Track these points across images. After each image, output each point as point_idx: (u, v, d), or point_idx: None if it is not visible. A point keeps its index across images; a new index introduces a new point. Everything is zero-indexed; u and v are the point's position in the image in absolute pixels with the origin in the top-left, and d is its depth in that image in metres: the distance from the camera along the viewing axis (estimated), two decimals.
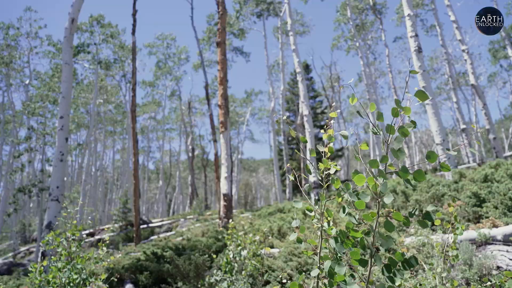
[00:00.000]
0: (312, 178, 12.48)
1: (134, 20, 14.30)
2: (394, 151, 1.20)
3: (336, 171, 1.55)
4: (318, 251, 1.54)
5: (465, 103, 34.44)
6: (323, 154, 1.53)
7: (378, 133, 1.29)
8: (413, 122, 1.21)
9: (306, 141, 1.65)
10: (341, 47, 27.87)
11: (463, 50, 16.30)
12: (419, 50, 10.02)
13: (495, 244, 4.31)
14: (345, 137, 1.41)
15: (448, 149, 1.26)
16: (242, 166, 50.35)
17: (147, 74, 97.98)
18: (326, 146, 1.54)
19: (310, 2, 22.51)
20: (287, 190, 22.29)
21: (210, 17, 26.23)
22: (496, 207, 5.23)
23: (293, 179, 1.72)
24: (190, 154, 31.44)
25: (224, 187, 9.83)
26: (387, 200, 1.21)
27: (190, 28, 19.86)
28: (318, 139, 29.87)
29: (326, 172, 1.46)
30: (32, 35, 24.45)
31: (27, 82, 25.47)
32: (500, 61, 29.67)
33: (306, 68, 30.86)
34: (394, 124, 1.25)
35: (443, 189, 6.52)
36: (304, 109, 14.03)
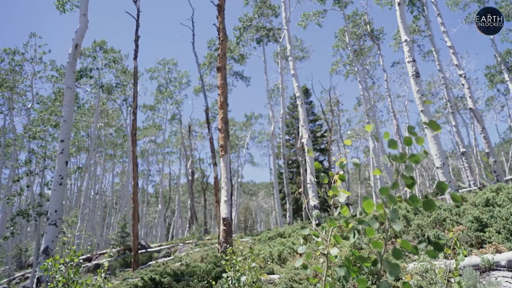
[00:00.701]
0: (312, 202, 12.39)
1: (137, 46, 14.58)
2: (408, 181, 1.20)
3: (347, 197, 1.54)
4: (324, 278, 1.52)
5: (464, 127, 34.64)
6: (332, 182, 1.52)
7: (391, 162, 1.29)
8: (425, 152, 1.22)
9: (320, 167, 1.65)
10: (340, 72, 28.28)
11: (460, 75, 16.54)
12: (416, 75, 10.17)
13: (499, 270, 4.24)
14: (357, 165, 1.40)
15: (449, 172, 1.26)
16: (242, 189, 50.03)
17: (148, 98, 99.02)
18: (337, 173, 1.53)
19: (309, 28, 23.04)
20: (288, 214, 22.07)
21: (211, 42, 26.75)
22: (498, 232, 5.17)
23: (294, 203, 1.71)
24: (190, 178, 31.32)
25: (223, 211, 9.74)
26: (397, 227, 1.20)
27: (191, 53, 20.29)
28: (318, 162, 29.84)
29: (335, 199, 1.45)
30: (37, 60, 24.88)
31: (29, 105, 25.70)
32: (497, 85, 30.03)
33: (306, 92, 31.21)
34: (405, 152, 1.25)
35: (445, 213, 6.47)
36: (304, 133, 14.09)
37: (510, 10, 22.04)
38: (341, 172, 1.55)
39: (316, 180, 2.28)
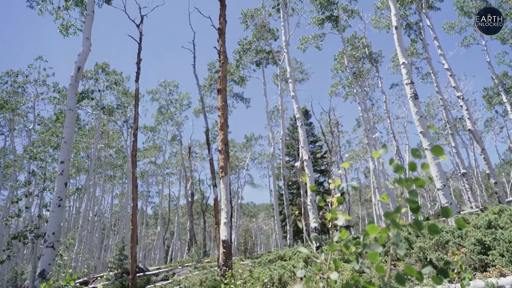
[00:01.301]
0: (313, 224, 12.26)
1: (138, 68, 14.77)
2: (412, 205, 1.19)
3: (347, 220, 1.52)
4: None
5: (463, 148, 34.69)
6: (329, 204, 1.51)
7: (395, 186, 1.28)
8: (430, 178, 1.21)
9: (315, 189, 1.65)
10: (339, 94, 28.56)
11: (458, 97, 16.69)
12: (415, 97, 10.27)
13: None
14: (355, 188, 1.40)
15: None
16: (242, 211, 49.61)
17: (148, 119, 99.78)
18: (333, 196, 1.52)
19: (308, 51, 23.45)
20: (288, 236, 21.80)
21: (211, 65, 27.14)
22: (502, 255, 5.10)
23: (294, 225, 1.69)
24: (190, 199, 31.10)
25: (223, 233, 9.63)
26: (401, 251, 1.19)
27: (192, 75, 20.60)
28: (318, 184, 29.70)
29: (335, 222, 1.44)
30: (40, 82, 25.20)
31: (30, 127, 25.83)
32: (495, 107, 30.28)
33: (306, 113, 31.41)
34: (408, 176, 1.25)
35: (447, 235, 6.40)
36: (304, 154, 14.10)
37: (505, 33, 22.46)
38: (339, 195, 1.54)
39: (317, 202, 2.27)
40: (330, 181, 1.51)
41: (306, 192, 22.11)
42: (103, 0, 14.10)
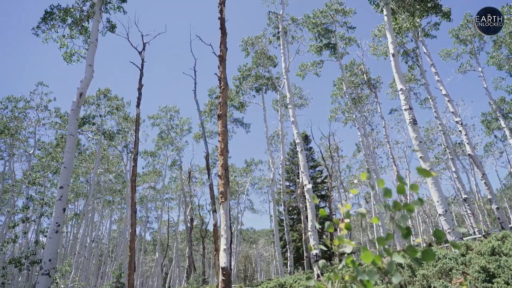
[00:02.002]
0: (314, 251, 12.07)
1: (140, 94, 14.96)
2: (403, 231, 1.19)
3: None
4: None
5: (464, 173, 34.56)
6: (338, 230, 1.50)
7: (385, 211, 1.28)
8: (421, 200, 1.22)
9: (325, 214, 1.64)
10: (339, 119, 28.77)
11: (457, 122, 16.81)
12: (414, 122, 10.34)
13: None
14: (363, 215, 1.39)
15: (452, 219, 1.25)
16: (241, 237, 48.92)
17: (149, 144, 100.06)
18: (342, 221, 1.51)
19: (307, 77, 23.75)
20: (289, 263, 21.38)
21: (212, 90, 27.48)
22: (507, 283, 5.00)
23: (295, 251, 1.67)
24: (189, 225, 30.72)
25: (223, 260, 9.46)
26: (396, 280, 1.18)
27: (193, 101, 20.83)
28: (318, 209, 29.44)
29: (341, 250, 1.42)
30: (41, 107, 25.45)
31: (30, 152, 25.88)
32: (494, 132, 30.40)
33: (305, 138, 31.54)
34: (400, 201, 1.25)
35: (450, 262, 6.29)
36: (304, 179, 14.05)
37: (501, 60, 22.87)
38: (347, 221, 1.52)
39: (318, 227, 2.24)
40: (339, 205, 1.51)
41: (306, 217, 21.87)
42: (107, 28, 14.45)
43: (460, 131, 16.98)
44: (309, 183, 13.98)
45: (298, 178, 26.03)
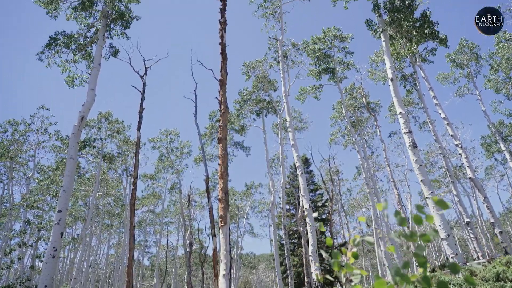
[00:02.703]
0: (315, 276, 11.83)
1: (140, 117, 15.06)
2: (420, 260, 1.17)
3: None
4: None
5: (465, 196, 34.29)
6: (345, 259, 1.47)
7: (400, 240, 1.26)
8: (436, 231, 1.21)
9: (331, 243, 1.60)
10: (339, 142, 28.82)
11: (457, 145, 16.85)
12: (414, 146, 10.36)
13: None
14: (370, 243, 1.37)
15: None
16: (241, 262, 48.03)
17: (148, 167, 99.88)
18: (350, 250, 1.48)
19: (307, 101, 23.98)
20: None
21: (212, 114, 27.67)
22: None
23: (296, 276, 1.64)
24: (188, 249, 30.20)
25: (222, 286, 9.26)
26: None
27: (193, 124, 20.94)
28: (319, 233, 29.04)
29: (350, 278, 1.39)
30: (42, 130, 25.55)
31: (29, 175, 25.79)
32: (494, 155, 30.40)
33: (306, 161, 31.48)
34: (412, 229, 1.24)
35: None
36: (304, 203, 13.95)
37: (498, 83, 23.14)
38: (355, 250, 1.50)
39: (320, 253, 2.20)
40: (347, 234, 1.48)
41: (307, 242, 21.55)
42: (110, 53, 14.72)
43: (460, 154, 16.99)
44: (309, 206, 13.87)
45: (299, 202, 25.84)
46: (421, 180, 10.04)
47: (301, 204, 19.52)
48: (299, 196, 25.64)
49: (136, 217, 36.12)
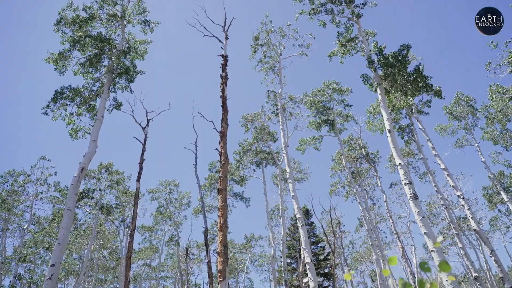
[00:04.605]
0: None
1: (141, 168, 15.10)
2: None
3: None
4: None
5: (472, 249, 33.27)
6: None
7: None
8: None
9: None
10: (339, 193, 28.59)
11: (459, 196, 16.69)
12: (415, 197, 10.26)
13: None
14: None
15: None
16: None
17: (147, 219, 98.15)
18: None
19: (307, 151, 24.16)
20: None
21: (212, 165, 27.75)
22: None
23: None
24: None
25: None
26: None
27: (193, 174, 20.84)
28: None
29: None
30: (41, 181, 25.46)
31: (25, 226, 25.26)
32: (498, 206, 29.97)
33: (306, 213, 31.01)
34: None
35: None
36: (306, 256, 13.52)
37: (495, 135, 23.42)
38: None
39: None
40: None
41: None
42: (113, 106, 15.09)
43: (462, 205, 16.77)
44: (311, 260, 13.43)
45: (300, 255, 25.07)
46: (424, 233, 9.81)
47: (302, 258, 18.91)
48: (300, 249, 24.91)
49: (131, 271, 34.80)
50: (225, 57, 12.29)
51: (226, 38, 13.08)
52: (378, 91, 12.81)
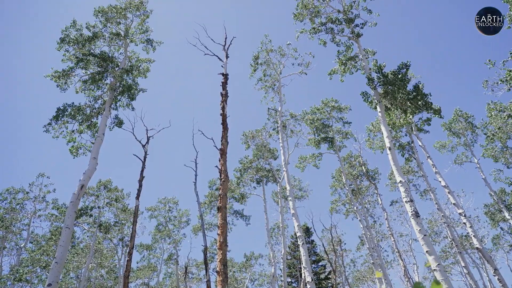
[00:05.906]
0: None
1: (140, 186, 15.04)
2: None
3: None
4: None
5: (475, 268, 32.78)
6: None
7: None
8: None
9: None
10: (340, 211, 28.37)
11: (460, 214, 16.58)
12: (416, 215, 10.19)
13: None
14: None
15: None
16: None
17: (145, 237, 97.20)
18: None
19: (307, 168, 24.14)
20: None
21: (212, 182, 27.64)
22: None
23: None
24: None
25: None
26: None
27: (192, 192, 20.73)
28: None
29: None
30: (40, 199, 25.31)
31: (22, 245, 24.97)
32: (500, 224, 29.70)
33: (307, 231, 30.73)
34: None
35: None
36: (306, 276, 13.32)
37: (496, 152, 23.43)
38: None
39: None
40: None
41: None
42: (114, 124, 15.16)
43: (464, 223, 16.64)
44: (312, 279, 13.22)
45: (301, 274, 24.70)
46: (426, 251, 9.70)
47: (303, 277, 18.63)
48: (300, 268, 24.58)
49: None
50: (225, 75, 12.42)
51: (227, 57, 13.25)
52: (378, 109, 12.89)
